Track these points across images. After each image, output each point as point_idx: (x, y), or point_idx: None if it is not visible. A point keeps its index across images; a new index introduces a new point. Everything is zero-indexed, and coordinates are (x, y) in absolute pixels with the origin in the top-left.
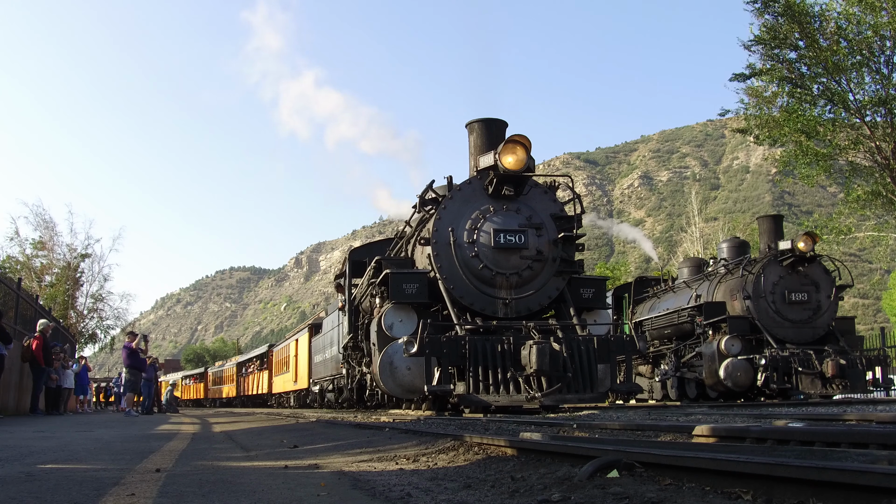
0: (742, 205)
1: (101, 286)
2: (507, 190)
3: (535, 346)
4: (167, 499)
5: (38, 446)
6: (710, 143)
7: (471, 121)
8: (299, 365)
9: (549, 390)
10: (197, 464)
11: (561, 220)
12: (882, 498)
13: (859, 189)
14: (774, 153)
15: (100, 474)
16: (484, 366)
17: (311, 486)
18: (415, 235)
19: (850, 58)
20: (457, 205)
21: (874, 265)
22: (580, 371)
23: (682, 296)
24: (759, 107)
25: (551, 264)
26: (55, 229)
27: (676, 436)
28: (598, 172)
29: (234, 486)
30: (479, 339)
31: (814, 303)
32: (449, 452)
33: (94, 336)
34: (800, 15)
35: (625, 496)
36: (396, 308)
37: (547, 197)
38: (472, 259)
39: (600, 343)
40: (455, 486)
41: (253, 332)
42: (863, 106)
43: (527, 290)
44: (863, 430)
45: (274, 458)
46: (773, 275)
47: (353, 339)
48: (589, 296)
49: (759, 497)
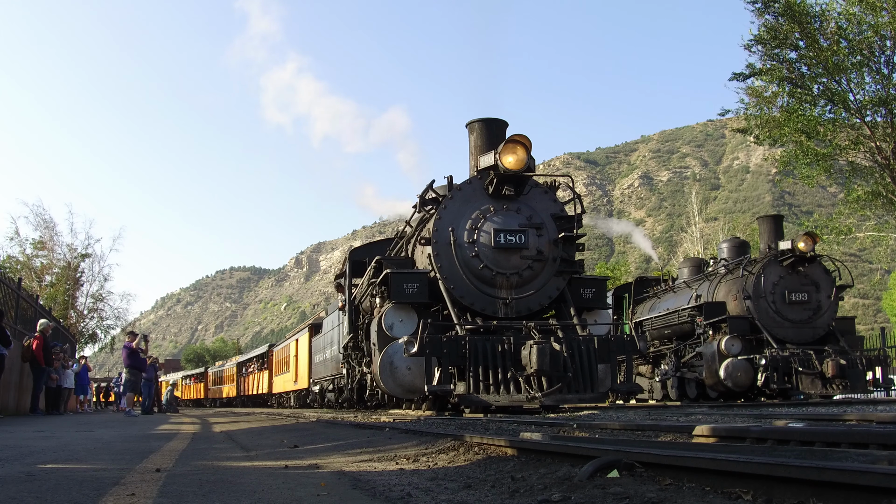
0: (742, 205)
1: (102, 286)
2: (508, 190)
3: (535, 346)
4: (167, 499)
5: (39, 446)
6: (710, 143)
7: (471, 121)
8: (299, 365)
9: (550, 390)
10: (197, 464)
11: (561, 220)
12: (882, 498)
13: (859, 189)
14: (774, 153)
15: (100, 474)
16: (484, 366)
17: (311, 486)
18: (415, 235)
19: (850, 58)
20: (457, 204)
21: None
22: (580, 371)
23: (683, 296)
24: (760, 107)
25: (551, 264)
26: (55, 229)
27: (677, 436)
28: (598, 172)
29: (235, 486)
30: (480, 339)
31: (814, 303)
32: (449, 452)
33: (95, 336)
34: (800, 15)
35: (625, 496)
36: (397, 308)
37: (547, 197)
38: (473, 259)
39: (601, 343)
40: (455, 486)
41: (253, 332)
42: (863, 106)
43: (527, 290)
44: (863, 431)
45: (274, 458)
46: (774, 275)
47: (354, 339)
48: (589, 296)
49: (760, 497)
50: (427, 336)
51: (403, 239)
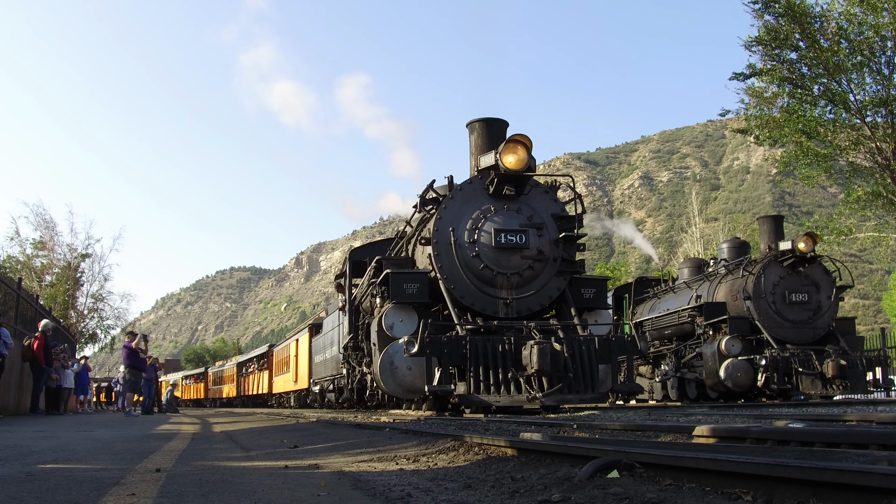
0: (742, 205)
1: (102, 286)
2: (508, 190)
3: (536, 347)
4: (167, 499)
5: (39, 446)
6: (710, 143)
7: (471, 120)
8: (300, 365)
9: (551, 391)
10: (197, 464)
11: (562, 220)
12: (882, 498)
13: (860, 190)
14: (775, 154)
15: (100, 474)
16: (485, 366)
17: (311, 487)
18: (415, 235)
19: (850, 58)
20: (457, 204)
21: (874, 266)
22: (581, 371)
23: (683, 296)
24: (760, 107)
25: (552, 264)
26: (55, 229)
27: (677, 436)
28: (598, 173)
29: (235, 486)
30: (480, 339)
31: (814, 303)
32: (449, 453)
33: (95, 336)
34: (801, 16)
35: (625, 496)
36: (397, 308)
37: (548, 197)
38: (473, 259)
39: (601, 343)
40: (455, 486)
41: (253, 332)
42: (863, 106)
43: (528, 290)
44: (863, 431)
45: (274, 459)
46: (774, 275)
47: (354, 339)
48: (590, 296)
49: (760, 497)
50: (427, 336)
51: (404, 239)
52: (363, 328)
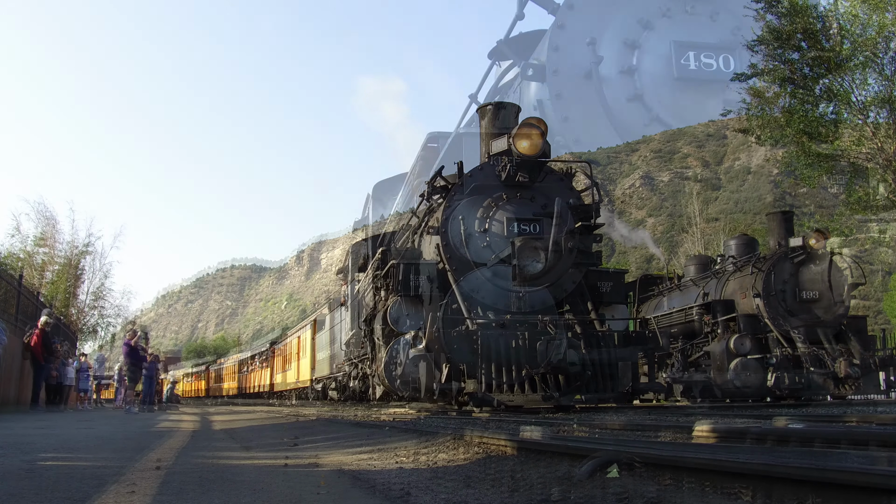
0: (743, 205)
1: (102, 283)
2: (522, 176)
3: (552, 342)
4: (168, 494)
5: (39, 441)
6: (711, 143)
7: (482, 105)
8: (301, 361)
9: (568, 389)
10: (197, 460)
11: (578, 210)
12: (882, 498)
13: (861, 190)
14: (776, 154)
15: (100, 469)
16: (497, 363)
17: (310, 483)
18: (422, 225)
19: (853, 58)
20: (468, 192)
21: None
22: (600, 369)
23: (690, 294)
24: (762, 107)
25: (568, 256)
26: (56, 226)
27: (677, 435)
28: (599, 173)
29: (235, 482)
30: (493, 335)
31: (825, 301)
32: (449, 450)
33: (95, 332)
34: (803, 17)
35: (624, 495)
36: (403, 301)
37: (563, 184)
38: (484, 249)
39: (621, 339)
40: (455, 483)
41: (253, 329)
42: (866, 106)
43: (542, 282)
44: (863, 431)
45: (274, 455)
46: (784, 272)
47: (357, 334)
48: (607, 289)
49: (759, 496)
50: (436, 331)
51: (410, 229)
52: (367, 323)
